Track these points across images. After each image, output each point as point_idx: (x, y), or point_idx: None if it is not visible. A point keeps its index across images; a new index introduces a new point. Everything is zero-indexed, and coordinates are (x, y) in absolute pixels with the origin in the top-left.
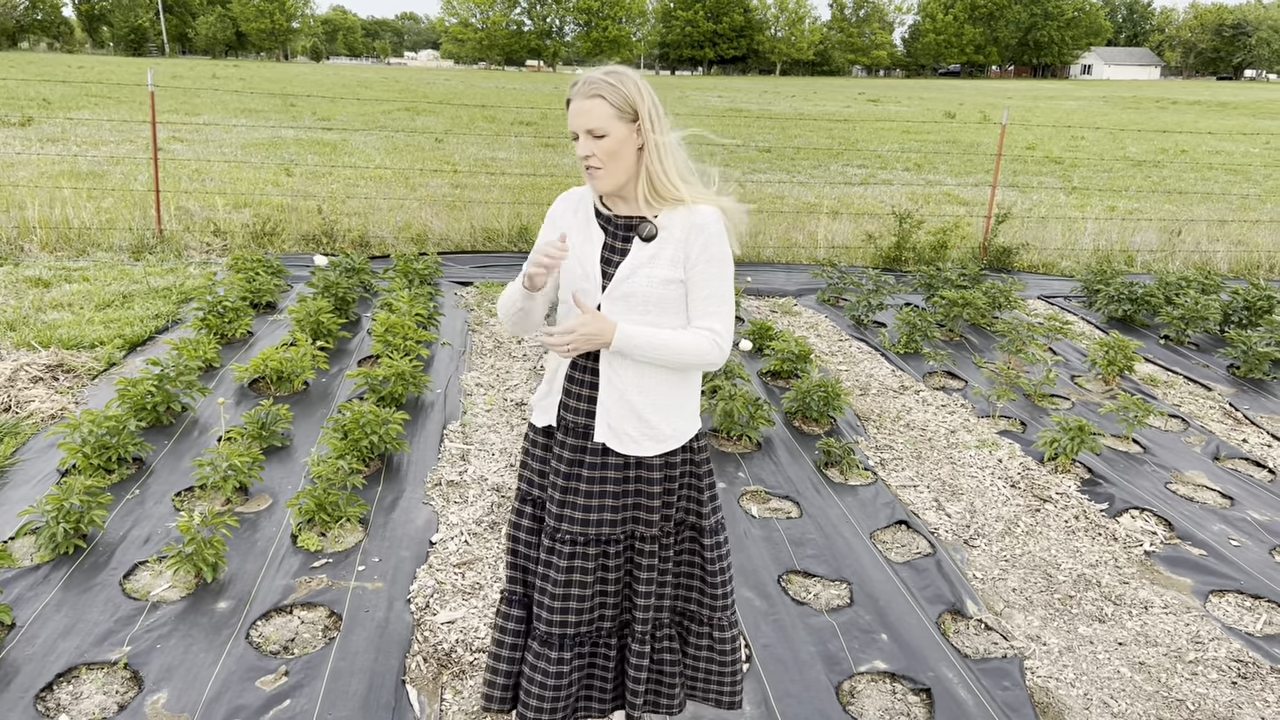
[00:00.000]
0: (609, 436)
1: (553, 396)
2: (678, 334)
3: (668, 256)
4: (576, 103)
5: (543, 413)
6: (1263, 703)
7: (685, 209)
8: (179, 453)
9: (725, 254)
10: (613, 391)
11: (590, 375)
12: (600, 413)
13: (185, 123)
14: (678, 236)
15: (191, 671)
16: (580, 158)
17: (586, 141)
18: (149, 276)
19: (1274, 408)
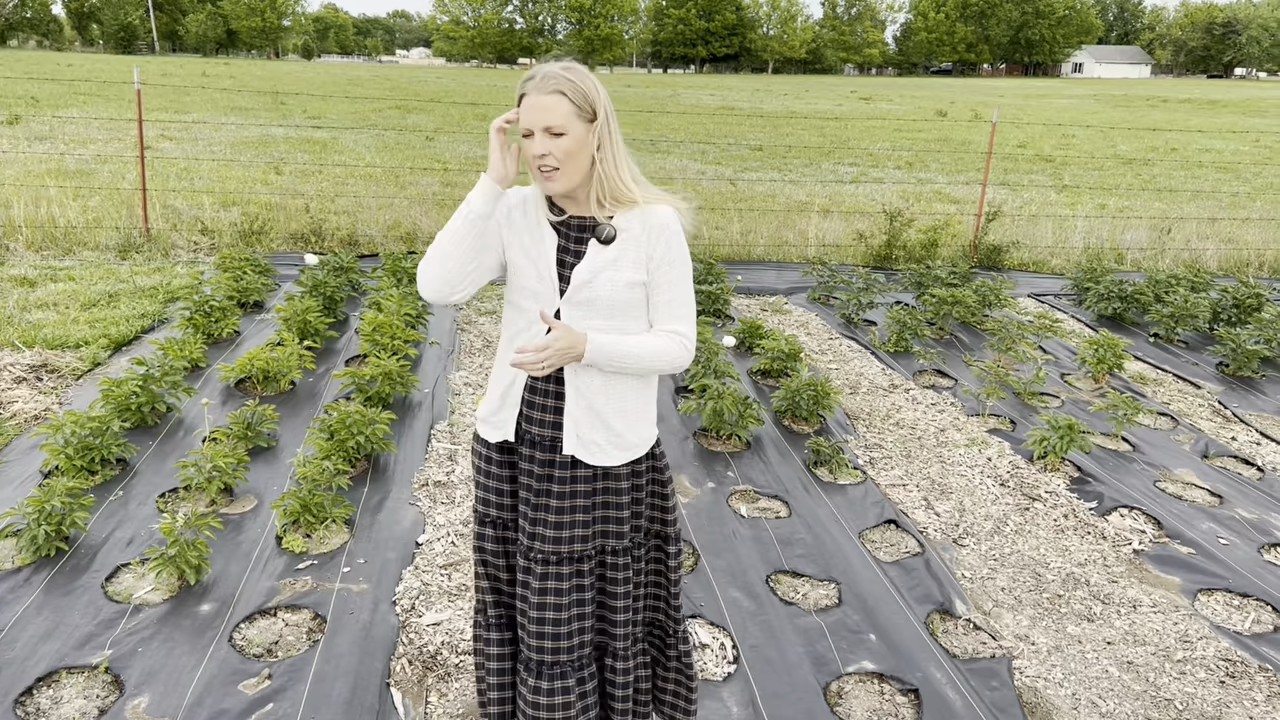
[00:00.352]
0: (578, 448)
1: (508, 410)
2: (645, 340)
3: (630, 258)
4: (534, 98)
5: (495, 427)
6: (1250, 702)
7: (640, 209)
8: (164, 454)
9: (686, 254)
10: (580, 401)
11: (555, 385)
12: (568, 424)
13: (174, 121)
14: (638, 238)
15: (173, 675)
16: (535, 157)
17: (543, 140)
18: (135, 276)
19: (1263, 405)
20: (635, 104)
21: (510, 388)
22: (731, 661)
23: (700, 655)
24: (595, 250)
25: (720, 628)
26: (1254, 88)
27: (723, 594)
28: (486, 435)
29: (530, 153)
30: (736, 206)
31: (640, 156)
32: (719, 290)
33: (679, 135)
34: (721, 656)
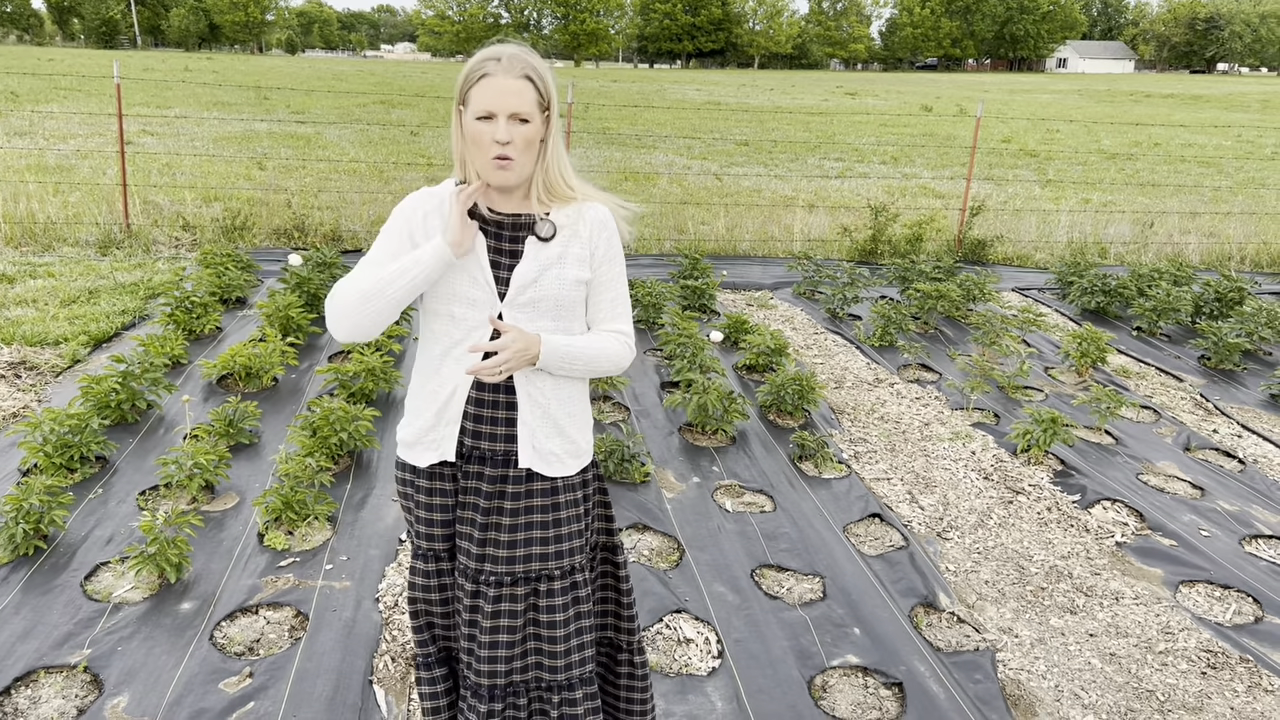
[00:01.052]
0: (535, 460)
1: (446, 427)
2: (592, 340)
3: (575, 255)
4: (502, 80)
5: (430, 448)
6: (1231, 692)
7: (576, 206)
8: (144, 451)
9: (622, 252)
10: (535, 409)
11: (505, 394)
12: (523, 434)
13: (156, 116)
14: (582, 234)
15: (153, 674)
16: (495, 144)
17: (509, 126)
18: (116, 272)
19: (1244, 398)
20: (621, 99)
21: (449, 403)
22: (716, 656)
23: (685, 650)
24: (536, 248)
25: (705, 622)
26: (1236, 83)
27: (707, 589)
28: (416, 460)
29: (488, 138)
30: (722, 201)
31: (626, 151)
32: (705, 285)
33: (665, 130)
34: (706, 651)
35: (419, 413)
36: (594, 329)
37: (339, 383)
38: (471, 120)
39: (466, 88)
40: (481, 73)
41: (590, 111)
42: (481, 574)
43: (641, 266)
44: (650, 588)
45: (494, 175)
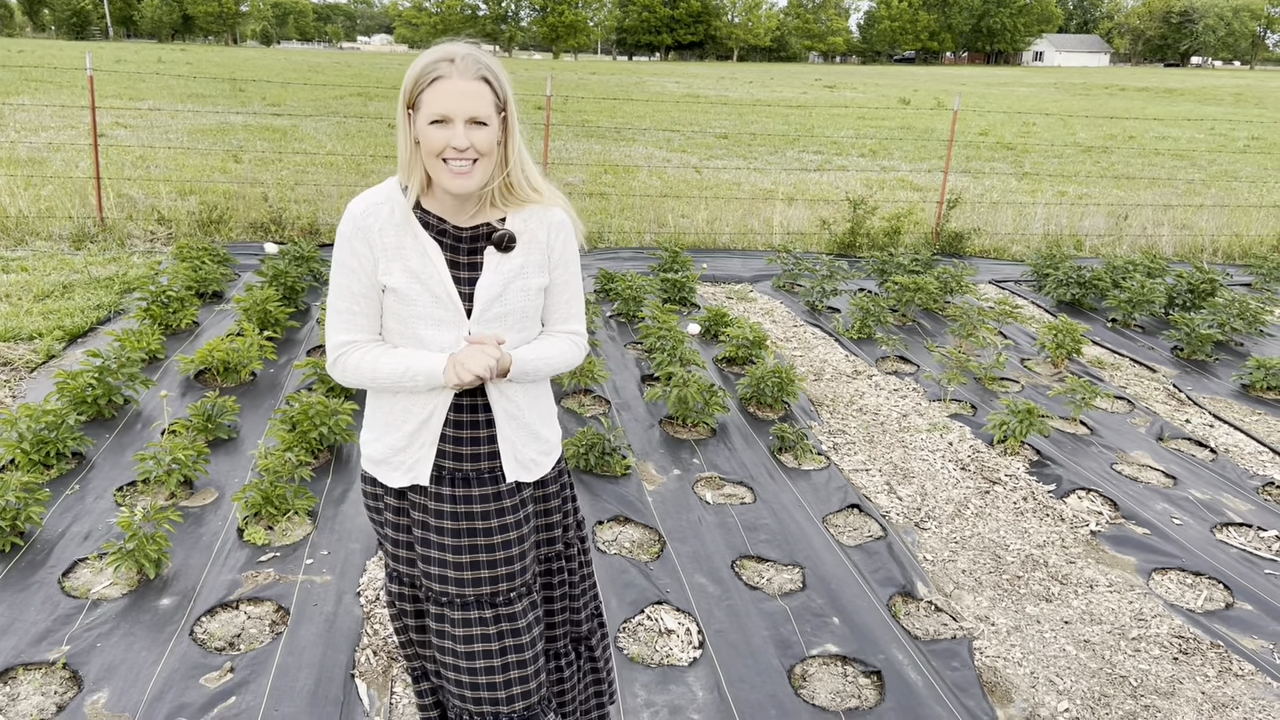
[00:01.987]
0: (519, 471)
1: (421, 450)
2: (549, 344)
3: (535, 262)
4: (458, 82)
5: (398, 469)
6: (1203, 678)
7: (531, 209)
8: (121, 447)
9: (578, 253)
10: (511, 421)
11: (482, 413)
12: (505, 449)
13: (130, 108)
14: (541, 240)
15: (133, 670)
16: (454, 150)
17: (467, 131)
18: (90, 266)
19: (1216, 388)
20: (600, 91)
21: (425, 425)
22: (697, 646)
23: (666, 641)
24: (496, 259)
25: (686, 613)
26: (1209, 76)
27: (688, 580)
28: (385, 479)
29: (443, 144)
30: (702, 194)
31: (605, 144)
32: (685, 279)
33: (644, 123)
34: (687, 642)
35: (387, 429)
36: (547, 330)
37: (318, 377)
38: (424, 125)
39: (417, 91)
40: (434, 75)
41: (569, 104)
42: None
43: (621, 260)
44: (632, 579)
45: (452, 183)
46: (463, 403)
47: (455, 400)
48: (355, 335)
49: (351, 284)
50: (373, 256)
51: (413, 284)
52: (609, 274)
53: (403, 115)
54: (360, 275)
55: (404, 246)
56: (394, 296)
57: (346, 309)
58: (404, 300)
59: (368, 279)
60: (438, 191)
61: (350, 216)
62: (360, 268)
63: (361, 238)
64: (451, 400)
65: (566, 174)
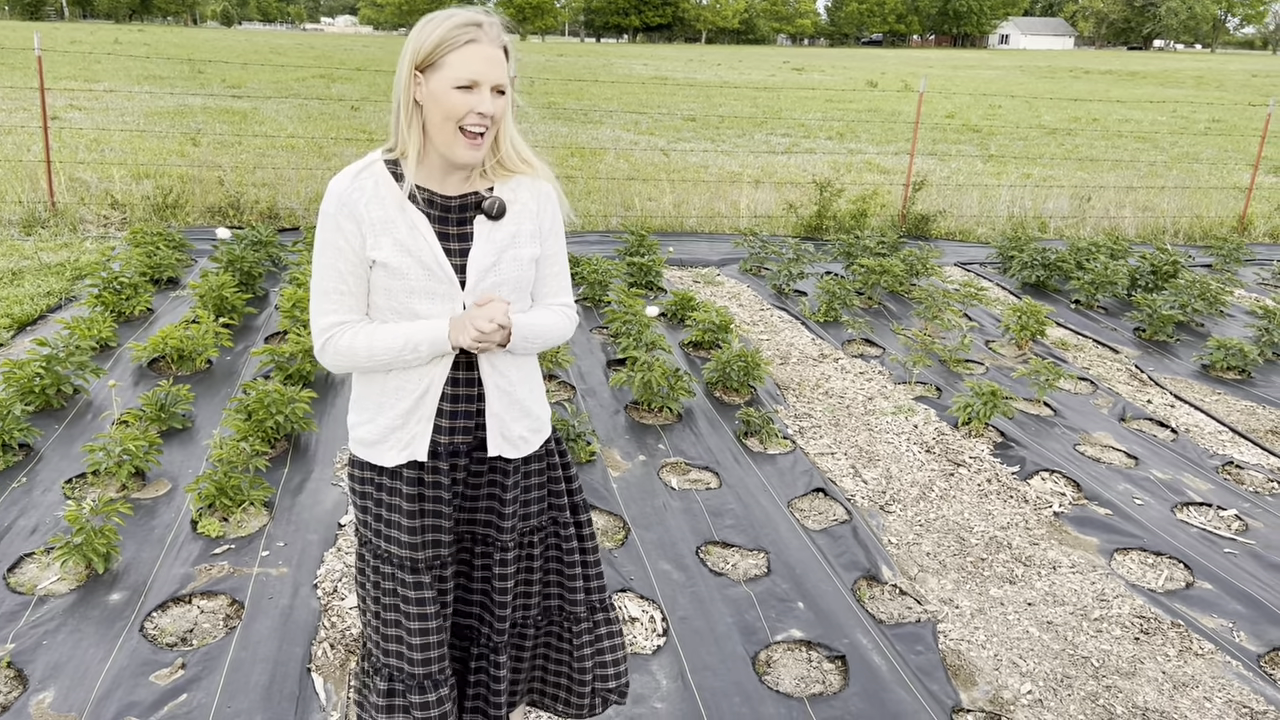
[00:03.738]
0: (504, 447)
1: (418, 425)
2: (546, 315)
3: (528, 232)
4: (487, 49)
5: (395, 448)
6: (1163, 657)
7: (518, 179)
8: (71, 438)
9: (563, 225)
10: (502, 397)
11: (475, 386)
12: (492, 424)
13: (85, 90)
14: (532, 209)
15: (81, 668)
16: (476, 116)
17: (491, 98)
18: (40, 252)
19: (1177, 369)
20: (567, 73)
21: (421, 400)
22: (661, 634)
23: (630, 629)
24: (487, 228)
25: (650, 600)
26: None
27: (652, 567)
28: (382, 460)
29: (466, 109)
30: (669, 178)
31: (572, 127)
32: (651, 263)
33: (611, 105)
34: (651, 630)
35: (380, 409)
36: (538, 303)
37: (275, 364)
38: (446, 89)
39: (444, 52)
40: (468, 37)
41: (536, 86)
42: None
43: (588, 244)
44: None
45: (464, 153)
46: (458, 376)
47: (450, 374)
48: (345, 316)
49: (338, 263)
50: (360, 232)
51: (403, 257)
52: (574, 258)
53: (408, 78)
54: (347, 253)
55: (392, 220)
56: (384, 271)
57: (334, 289)
58: (395, 274)
59: (355, 256)
60: (428, 160)
61: (334, 193)
62: (348, 245)
63: (347, 214)
64: (448, 374)
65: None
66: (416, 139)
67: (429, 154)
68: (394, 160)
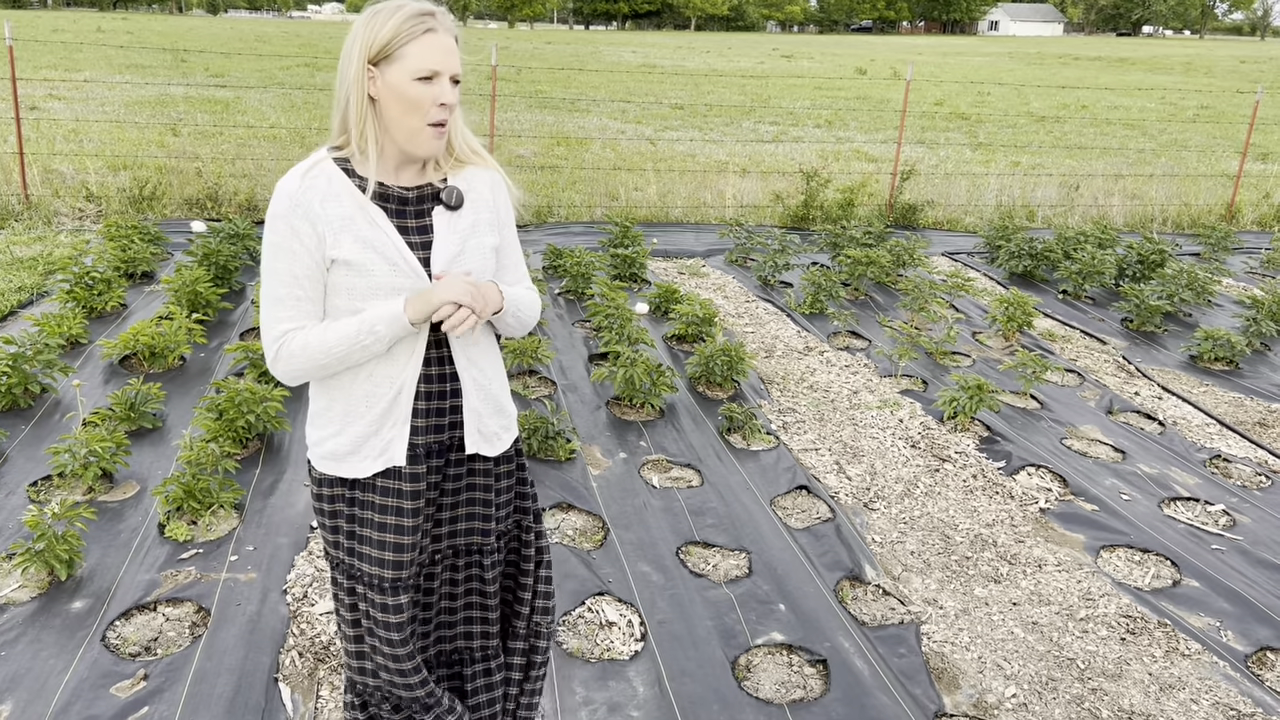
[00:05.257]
0: (480, 444)
1: (393, 429)
2: (523, 291)
3: (486, 221)
4: (444, 38)
5: (369, 457)
6: (1150, 658)
7: (473, 169)
8: (38, 438)
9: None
10: (478, 390)
11: (448, 382)
12: (470, 420)
13: (65, 79)
14: (486, 198)
15: (39, 680)
16: (437, 108)
17: (451, 89)
18: (13, 246)
19: (1164, 360)
20: (555, 61)
21: (394, 403)
22: (639, 639)
23: (607, 634)
24: (447, 219)
25: (628, 604)
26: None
27: (631, 568)
28: (355, 472)
29: (430, 101)
30: (655, 167)
31: (559, 115)
32: (635, 254)
33: (599, 93)
34: (629, 634)
35: (348, 420)
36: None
37: (250, 362)
38: (406, 81)
39: (400, 43)
40: (426, 27)
41: (523, 74)
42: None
43: (572, 235)
44: (572, 569)
45: (428, 144)
46: (431, 373)
47: (424, 371)
48: (301, 322)
49: (294, 267)
50: (316, 233)
51: (366, 253)
52: (557, 250)
53: (361, 72)
54: (303, 256)
55: (351, 216)
56: (346, 270)
57: (288, 295)
58: (359, 272)
59: (310, 259)
60: (383, 154)
61: (285, 194)
62: (303, 247)
63: (301, 214)
64: (420, 371)
65: (518, 146)
66: (373, 133)
67: (384, 148)
68: (342, 157)
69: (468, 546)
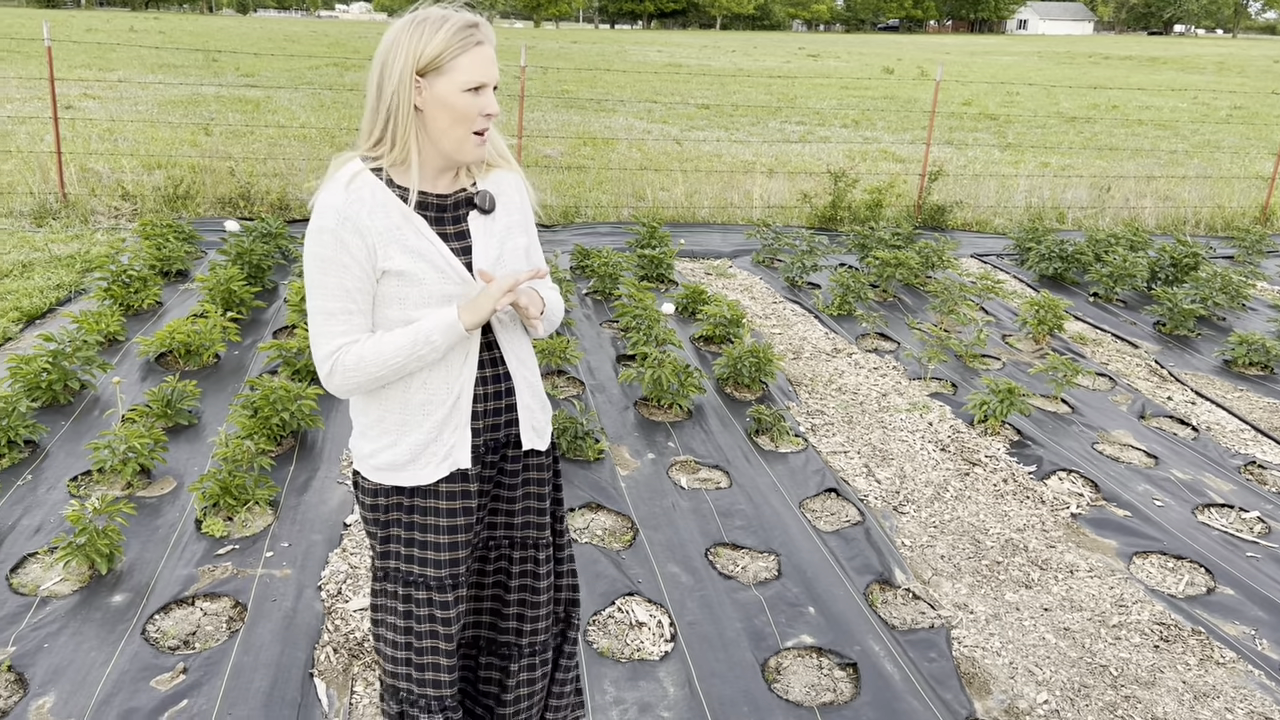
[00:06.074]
0: (534, 439)
1: (455, 433)
2: (551, 293)
3: (517, 223)
4: (489, 50)
5: (431, 462)
6: (1184, 665)
7: (498, 172)
8: (77, 434)
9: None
10: (528, 387)
11: (500, 382)
12: (524, 416)
13: (99, 79)
14: (515, 200)
15: (81, 672)
16: (482, 117)
17: (494, 98)
18: (51, 244)
19: (1198, 364)
20: (581, 61)
21: (455, 408)
22: (669, 640)
23: (637, 634)
24: (483, 223)
25: (658, 605)
26: (1192, 44)
27: (661, 570)
28: (417, 479)
29: (477, 112)
30: (682, 167)
31: (585, 115)
32: (662, 255)
33: (625, 93)
34: (659, 635)
35: (406, 429)
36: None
37: (283, 360)
38: (456, 93)
39: (451, 55)
40: (476, 39)
41: (549, 74)
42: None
43: (598, 235)
44: (602, 569)
45: (474, 152)
46: (485, 375)
47: (478, 374)
48: (355, 336)
49: (345, 280)
50: (365, 245)
51: (417, 263)
52: (585, 250)
53: (409, 84)
54: (353, 269)
55: (398, 227)
56: (398, 281)
57: (340, 309)
58: (410, 282)
59: (360, 270)
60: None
61: (331, 208)
62: (353, 260)
63: (350, 228)
64: (475, 374)
65: (544, 146)
66: (415, 143)
67: (424, 155)
68: (377, 166)
69: (523, 540)
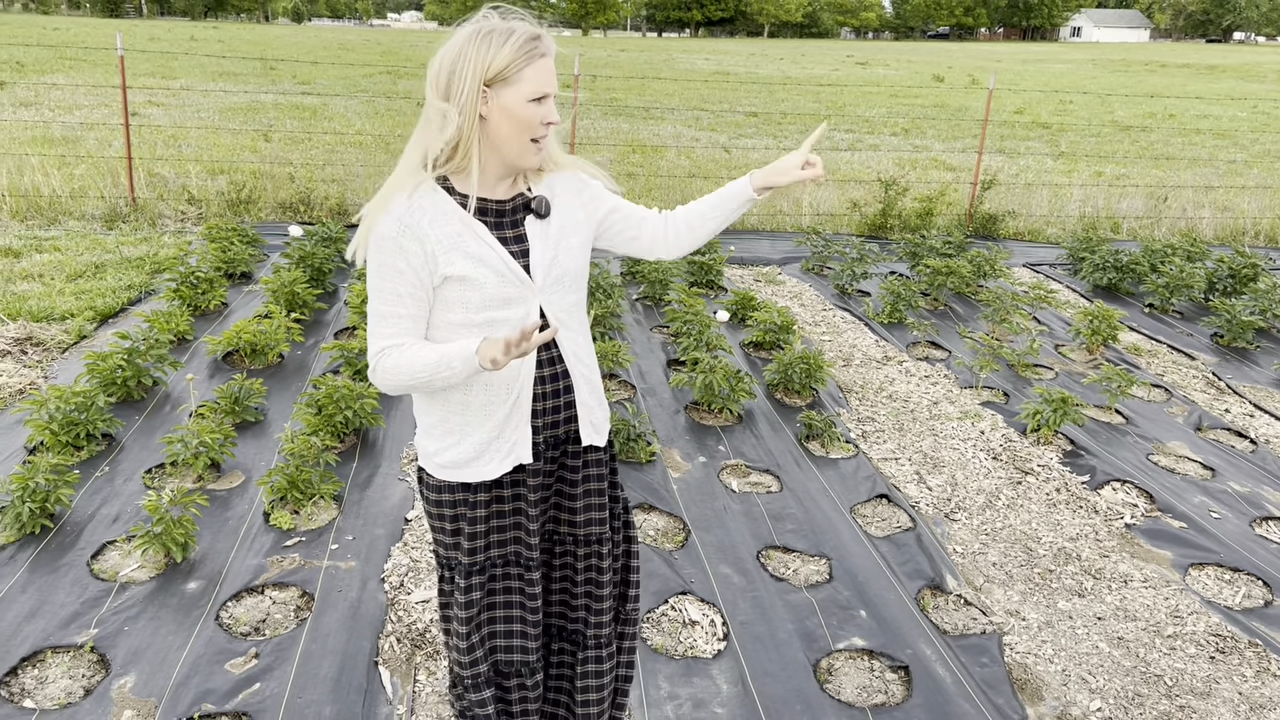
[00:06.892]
0: (593, 435)
1: (516, 431)
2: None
3: (573, 222)
4: (550, 60)
5: (495, 459)
6: (1240, 677)
7: (551, 175)
8: (150, 428)
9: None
10: (585, 384)
11: (559, 380)
12: (582, 413)
13: (162, 87)
14: (573, 202)
15: (159, 654)
16: (543, 125)
17: (554, 108)
18: (122, 246)
19: (1257, 377)
20: (629, 69)
21: (515, 407)
22: (721, 639)
23: (690, 632)
24: (540, 226)
25: (710, 604)
26: (1252, 52)
27: (713, 570)
28: (480, 476)
29: (539, 121)
30: (731, 174)
31: (634, 123)
32: (712, 261)
33: (673, 101)
34: (711, 634)
35: (467, 430)
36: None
37: (345, 360)
38: (521, 103)
39: (518, 67)
40: (541, 51)
41: (598, 82)
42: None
43: None
44: (655, 569)
45: (534, 158)
46: (544, 374)
47: (537, 373)
48: (401, 339)
49: (398, 285)
50: (425, 252)
51: (478, 268)
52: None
53: (476, 95)
54: (409, 275)
55: (459, 234)
56: (460, 285)
57: (391, 313)
58: (472, 286)
59: (416, 278)
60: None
61: (393, 217)
62: (409, 267)
63: (411, 235)
64: (534, 374)
65: (594, 153)
66: (477, 151)
67: (485, 163)
68: (441, 175)
69: (587, 536)
